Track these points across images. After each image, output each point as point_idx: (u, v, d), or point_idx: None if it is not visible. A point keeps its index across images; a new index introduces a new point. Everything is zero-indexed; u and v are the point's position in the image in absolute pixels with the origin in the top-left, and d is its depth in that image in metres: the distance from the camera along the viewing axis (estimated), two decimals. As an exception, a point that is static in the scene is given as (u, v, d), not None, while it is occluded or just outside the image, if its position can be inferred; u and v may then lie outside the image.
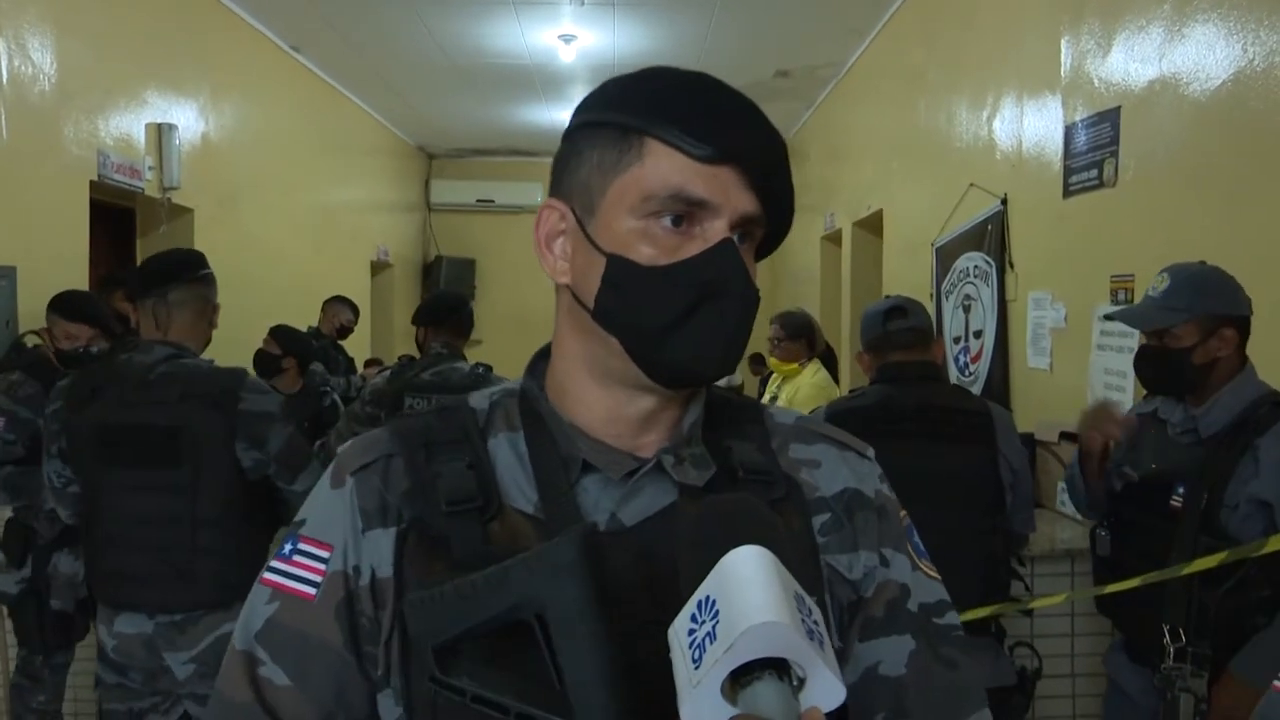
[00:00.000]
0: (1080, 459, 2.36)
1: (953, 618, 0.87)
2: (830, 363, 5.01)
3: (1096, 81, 3.33)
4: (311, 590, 0.79)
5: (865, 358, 2.55)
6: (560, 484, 0.79)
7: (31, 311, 3.69)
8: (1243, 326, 2.10)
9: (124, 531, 2.37)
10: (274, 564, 0.82)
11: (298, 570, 0.80)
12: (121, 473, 2.36)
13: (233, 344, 4.96)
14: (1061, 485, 3.46)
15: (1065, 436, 3.33)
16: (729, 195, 0.75)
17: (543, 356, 0.87)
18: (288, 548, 0.82)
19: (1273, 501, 1.95)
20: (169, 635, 2.33)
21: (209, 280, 2.53)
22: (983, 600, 2.32)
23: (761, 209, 0.77)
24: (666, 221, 0.75)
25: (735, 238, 0.76)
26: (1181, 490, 2.06)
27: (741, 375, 7.57)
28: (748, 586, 0.58)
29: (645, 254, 0.76)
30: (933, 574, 0.88)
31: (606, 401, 0.81)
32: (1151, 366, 2.15)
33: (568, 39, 6.14)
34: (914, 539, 0.89)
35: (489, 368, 3.32)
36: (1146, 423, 2.25)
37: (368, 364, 6.29)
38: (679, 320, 0.75)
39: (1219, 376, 2.08)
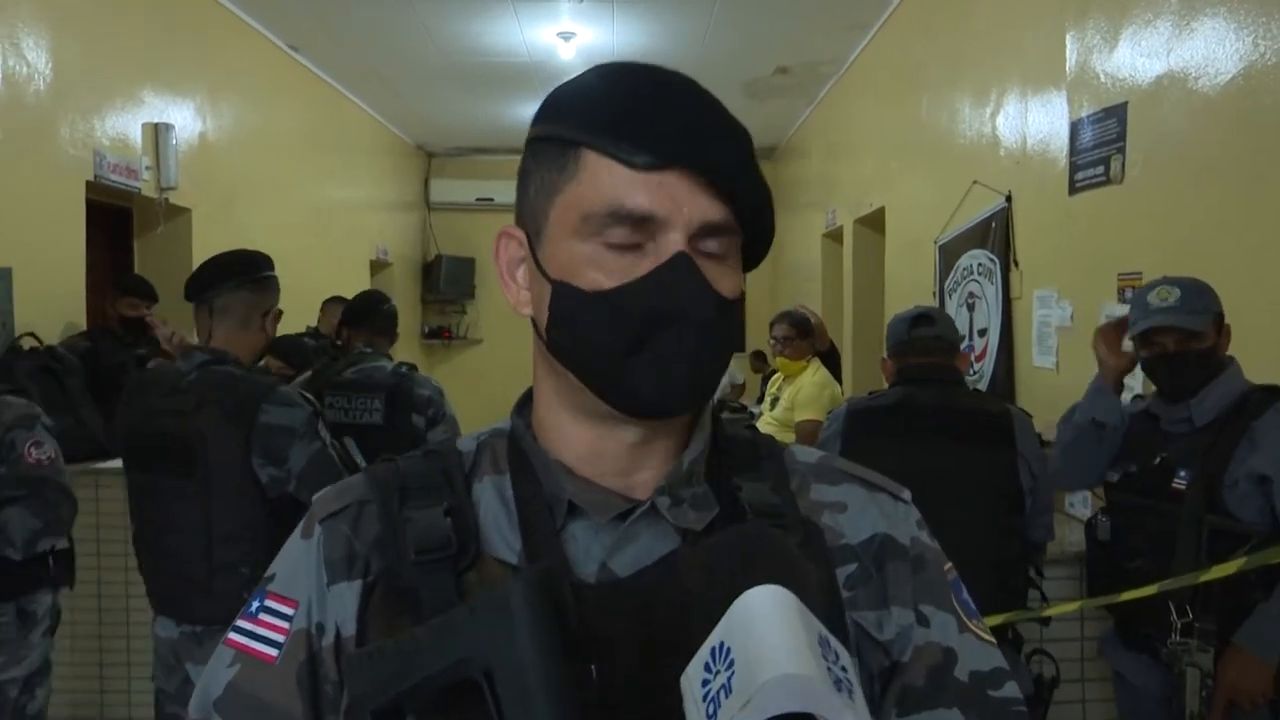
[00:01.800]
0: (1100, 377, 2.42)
1: (1011, 689, 0.75)
2: (833, 361, 4.98)
3: (1103, 77, 3.30)
4: (273, 651, 0.72)
5: (888, 364, 2.53)
6: (545, 529, 0.71)
7: (28, 313, 3.67)
8: None
9: (152, 537, 2.36)
10: (239, 623, 0.75)
11: (262, 630, 0.73)
12: (147, 479, 2.36)
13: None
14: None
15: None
16: (680, 204, 0.67)
17: (531, 394, 0.80)
18: (254, 605, 0.74)
19: (1272, 475, 2.05)
20: (189, 646, 2.31)
21: (262, 285, 2.48)
22: (998, 606, 2.31)
23: (729, 214, 0.69)
24: (613, 240, 0.67)
25: (707, 247, 0.68)
26: (1184, 474, 2.16)
27: (743, 374, 7.54)
28: (765, 633, 0.53)
29: (591, 279, 0.68)
30: (986, 637, 0.76)
31: (586, 436, 0.73)
32: (1185, 371, 2.18)
33: (567, 36, 6.10)
34: (962, 595, 0.77)
35: (413, 366, 3.31)
36: (1138, 421, 2.35)
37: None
38: (631, 349, 0.67)
39: (1222, 369, 2.20)
